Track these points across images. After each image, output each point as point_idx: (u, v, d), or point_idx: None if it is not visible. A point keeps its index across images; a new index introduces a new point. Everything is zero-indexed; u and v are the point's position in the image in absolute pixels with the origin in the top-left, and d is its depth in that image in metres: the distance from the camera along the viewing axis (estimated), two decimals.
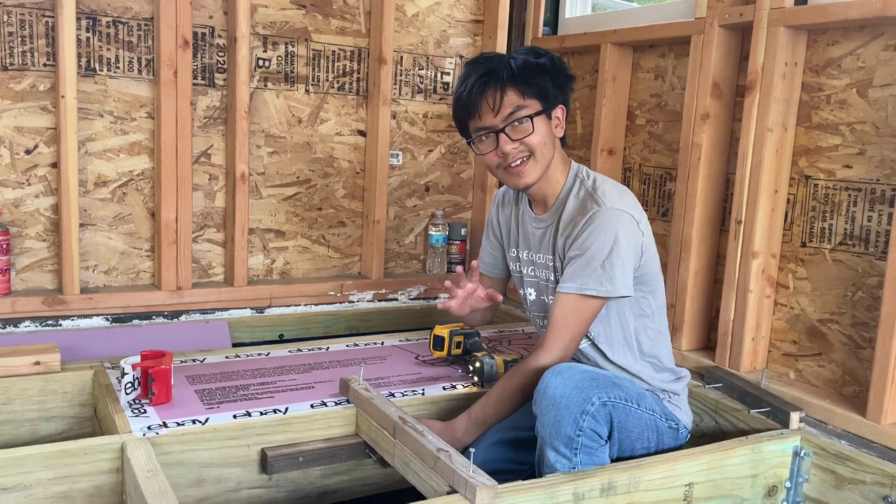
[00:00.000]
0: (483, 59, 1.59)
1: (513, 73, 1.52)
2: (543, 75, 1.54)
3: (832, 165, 1.74)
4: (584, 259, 1.50)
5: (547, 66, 1.56)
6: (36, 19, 1.97)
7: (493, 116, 1.53)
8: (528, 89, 1.53)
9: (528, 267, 1.70)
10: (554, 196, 1.62)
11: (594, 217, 1.51)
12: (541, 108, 1.54)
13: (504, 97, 1.52)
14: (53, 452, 1.35)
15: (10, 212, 2.01)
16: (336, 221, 2.47)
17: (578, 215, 1.55)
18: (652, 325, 1.62)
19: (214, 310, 2.22)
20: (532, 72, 1.54)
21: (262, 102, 2.28)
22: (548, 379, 1.41)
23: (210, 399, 1.64)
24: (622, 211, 1.52)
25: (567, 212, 1.58)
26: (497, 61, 1.55)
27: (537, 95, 1.53)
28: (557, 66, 1.58)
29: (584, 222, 1.52)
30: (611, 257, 1.48)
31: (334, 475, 1.61)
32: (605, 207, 1.51)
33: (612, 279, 1.49)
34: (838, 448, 1.54)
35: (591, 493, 1.35)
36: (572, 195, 1.59)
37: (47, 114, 2.01)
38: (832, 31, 1.73)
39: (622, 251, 1.49)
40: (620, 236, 1.49)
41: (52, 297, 2.01)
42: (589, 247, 1.50)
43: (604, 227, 1.49)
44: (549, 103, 1.56)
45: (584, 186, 1.59)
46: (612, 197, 1.54)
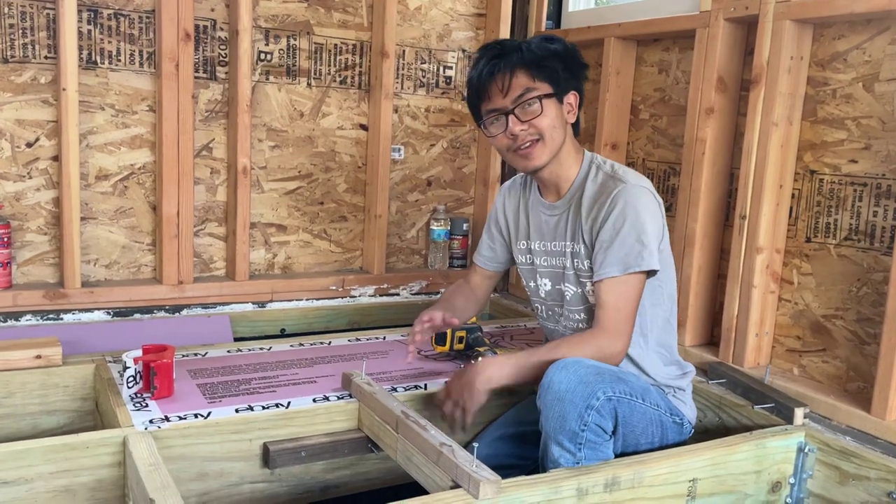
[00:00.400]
0: (496, 43, 1.61)
1: (523, 55, 1.53)
2: (555, 60, 1.55)
3: (838, 160, 1.73)
4: (619, 238, 1.49)
5: (559, 50, 1.56)
6: (37, 11, 1.95)
7: (502, 98, 1.53)
8: (539, 72, 1.53)
9: (541, 257, 1.68)
10: (568, 182, 1.61)
11: (621, 193, 1.51)
12: (551, 91, 1.54)
13: (514, 78, 1.52)
14: (55, 446, 1.34)
15: (11, 205, 2.00)
16: (338, 216, 2.46)
17: (601, 196, 1.54)
18: (662, 314, 1.61)
19: (216, 304, 2.22)
20: (543, 55, 1.54)
21: (263, 96, 2.27)
22: (552, 373, 1.40)
23: (212, 393, 1.63)
24: (646, 188, 1.54)
25: (587, 196, 1.57)
26: (509, 44, 1.56)
27: (548, 79, 1.54)
28: (570, 52, 1.59)
29: (610, 201, 1.51)
30: (645, 230, 1.49)
31: (336, 470, 1.61)
32: (629, 184, 1.52)
33: (651, 252, 1.49)
34: (843, 444, 1.54)
35: (595, 488, 1.34)
36: (590, 179, 1.59)
37: (48, 107, 2.00)
38: (838, 24, 1.71)
39: (651, 225, 1.50)
40: (649, 210, 1.51)
41: (54, 291, 2.01)
42: (622, 225, 1.49)
43: (633, 203, 1.50)
44: (560, 88, 1.56)
45: (602, 170, 1.59)
46: (633, 176, 1.56)
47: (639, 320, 1.56)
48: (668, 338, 1.63)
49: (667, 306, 1.61)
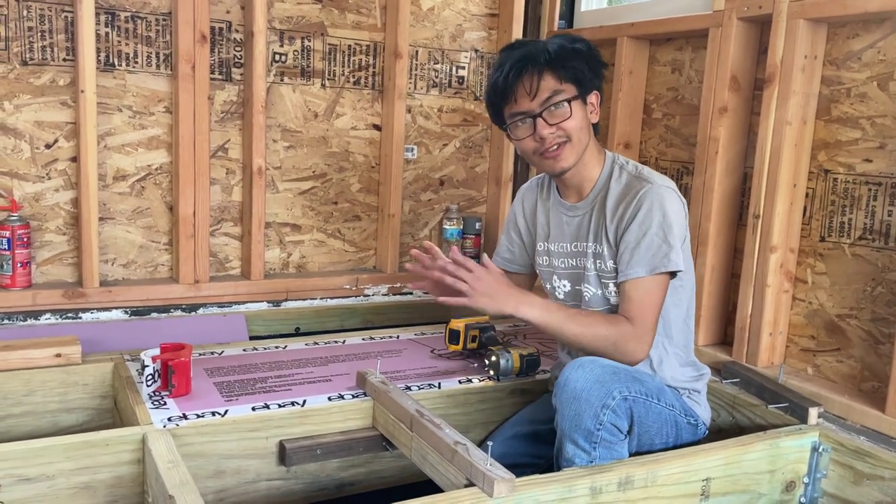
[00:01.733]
0: (519, 44, 1.59)
1: (550, 57, 1.52)
2: (579, 60, 1.54)
3: (852, 159, 1.73)
4: (646, 239, 1.49)
5: (583, 50, 1.56)
6: (55, 14, 1.98)
7: (529, 101, 1.52)
8: (565, 73, 1.52)
9: (559, 259, 1.67)
10: (591, 182, 1.61)
11: (647, 194, 1.50)
12: (577, 92, 1.54)
13: (542, 81, 1.51)
14: (75, 443, 1.37)
15: (30, 205, 2.03)
16: (351, 215, 2.47)
17: (627, 196, 1.53)
18: (681, 314, 1.60)
19: (231, 303, 2.24)
20: (568, 56, 1.53)
21: (278, 97, 2.29)
22: (568, 372, 1.41)
23: (229, 391, 1.65)
24: (672, 189, 1.53)
25: (612, 196, 1.56)
26: (533, 46, 1.55)
27: (573, 80, 1.53)
28: (593, 52, 1.58)
29: (636, 201, 1.51)
30: (672, 230, 1.49)
31: (351, 468, 1.63)
32: (655, 184, 1.51)
33: (677, 252, 1.49)
34: (857, 444, 1.53)
35: (609, 487, 1.35)
36: (613, 179, 1.58)
37: (67, 108, 2.03)
38: (852, 23, 1.71)
39: (676, 225, 1.50)
40: (675, 211, 1.50)
41: (72, 290, 2.04)
42: (649, 226, 1.49)
43: (659, 203, 1.49)
44: (584, 88, 1.55)
45: (626, 170, 1.58)
46: (658, 176, 1.55)
47: (661, 321, 1.55)
48: (685, 338, 1.62)
49: (685, 306, 1.61)
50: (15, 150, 2.00)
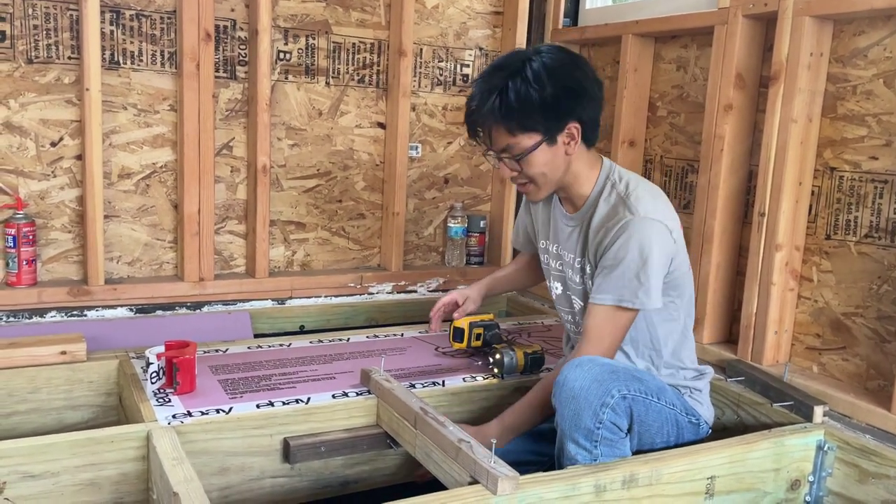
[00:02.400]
0: (479, 85, 1.51)
1: (496, 113, 1.46)
2: (535, 111, 1.46)
3: (858, 157, 1.72)
4: (618, 270, 1.46)
5: (538, 101, 1.45)
6: (61, 13, 1.99)
7: (487, 147, 1.54)
8: (518, 126, 1.47)
9: (555, 261, 1.68)
10: (583, 197, 1.58)
11: (627, 226, 1.46)
12: (539, 139, 1.48)
13: (492, 135, 1.50)
14: (80, 440, 1.37)
15: (35, 203, 2.04)
16: (356, 213, 2.47)
17: (609, 221, 1.50)
18: (678, 327, 1.59)
19: (236, 301, 2.24)
20: (522, 108, 1.45)
21: (282, 95, 2.29)
22: (567, 372, 1.41)
23: (233, 389, 1.65)
24: (655, 220, 1.47)
25: (597, 216, 1.53)
26: (487, 94, 1.47)
27: (530, 129, 1.48)
28: (559, 95, 1.46)
29: (616, 230, 1.47)
30: (646, 268, 1.45)
31: (355, 465, 1.63)
32: (637, 216, 1.46)
33: (647, 291, 1.45)
34: (862, 442, 1.53)
35: (613, 485, 1.34)
36: (602, 198, 1.54)
37: (72, 106, 2.03)
38: (858, 20, 1.70)
39: (655, 262, 1.46)
40: (654, 247, 1.45)
41: (78, 288, 2.04)
42: (623, 257, 1.46)
43: (637, 237, 1.45)
44: (549, 133, 1.49)
45: (616, 190, 1.54)
46: (646, 204, 1.49)
47: (649, 337, 1.57)
48: (683, 349, 1.61)
49: (682, 321, 1.60)
50: (20, 148, 2.00)
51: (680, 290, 1.57)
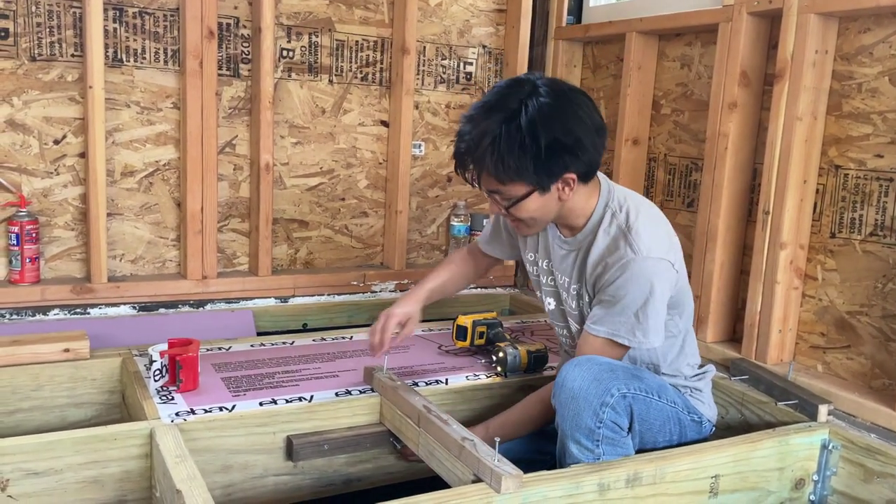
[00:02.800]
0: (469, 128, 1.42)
1: (484, 163, 1.39)
2: (527, 166, 1.37)
3: (863, 155, 1.71)
4: (617, 306, 1.43)
5: (529, 155, 1.36)
6: (64, 10, 1.98)
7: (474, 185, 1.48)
8: (508, 178, 1.39)
9: (546, 276, 1.63)
10: (579, 225, 1.52)
11: (628, 265, 1.41)
12: (530, 189, 1.41)
13: (481, 178, 1.43)
14: (84, 438, 1.37)
15: (39, 201, 2.04)
16: (359, 212, 2.47)
17: (610, 256, 1.45)
18: (677, 342, 1.58)
19: (239, 299, 2.24)
20: (514, 161, 1.36)
21: (285, 93, 2.29)
22: (566, 371, 1.40)
23: (236, 386, 1.65)
24: (659, 259, 1.43)
25: (597, 248, 1.47)
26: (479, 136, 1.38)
27: (521, 180, 1.39)
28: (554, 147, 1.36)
29: (617, 267, 1.42)
30: (645, 308, 1.41)
31: (358, 463, 1.62)
32: (640, 256, 1.41)
33: (645, 331, 1.43)
34: (867, 441, 1.52)
35: (617, 483, 1.34)
36: (602, 229, 1.48)
37: (75, 104, 2.03)
38: (864, 18, 1.69)
39: (657, 301, 1.42)
40: (656, 286, 1.42)
41: (81, 286, 2.04)
42: (623, 296, 1.42)
43: (639, 278, 1.41)
44: (541, 185, 1.40)
45: (616, 221, 1.47)
46: (648, 241, 1.43)
47: (647, 355, 1.55)
48: (680, 362, 1.59)
49: (682, 336, 1.58)
50: (24, 145, 2.00)
51: (680, 307, 1.55)
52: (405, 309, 1.67)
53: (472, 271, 1.85)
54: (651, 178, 2.28)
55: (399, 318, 1.66)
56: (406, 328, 1.68)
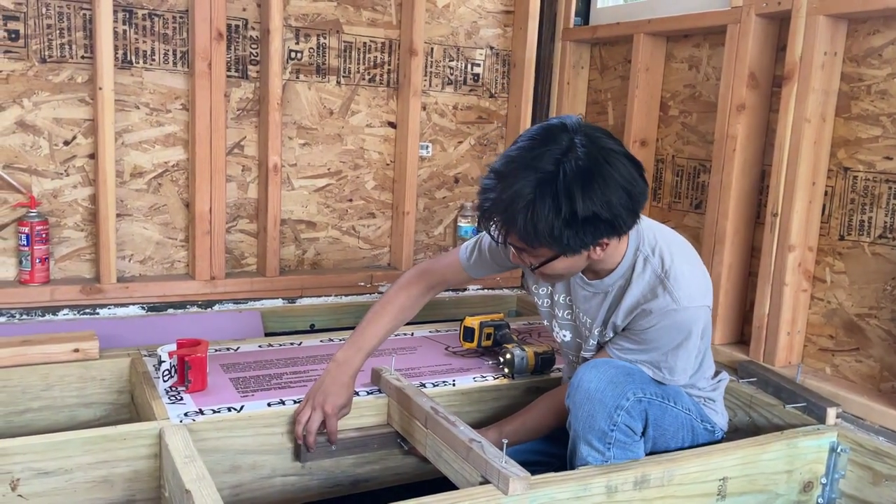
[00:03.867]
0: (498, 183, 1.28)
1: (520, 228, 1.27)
2: (560, 236, 1.26)
3: (872, 157, 1.71)
4: (648, 346, 1.42)
5: (562, 225, 1.25)
6: (74, 12, 2.00)
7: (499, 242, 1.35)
8: (538, 242, 1.28)
9: (563, 310, 1.58)
10: (607, 271, 1.45)
11: (669, 315, 1.38)
12: (559, 253, 1.31)
13: (507, 237, 1.32)
14: (93, 438, 1.38)
15: (48, 202, 2.05)
16: (366, 213, 2.48)
17: (647, 303, 1.39)
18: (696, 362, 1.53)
19: (247, 300, 2.25)
20: (546, 232, 1.26)
21: (294, 94, 2.30)
22: (582, 373, 1.40)
23: (244, 387, 1.66)
24: (700, 307, 1.41)
25: (631, 295, 1.41)
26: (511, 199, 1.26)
27: (552, 246, 1.29)
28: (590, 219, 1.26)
29: (655, 315, 1.38)
30: (677, 350, 1.41)
31: (366, 464, 1.63)
32: (681, 306, 1.37)
33: (672, 369, 1.43)
34: (876, 444, 1.52)
35: (625, 485, 1.34)
36: (636, 275, 1.42)
37: (85, 105, 2.04)
38: (873, 19, 1.69)
39: (692, 345, 1.42)
40: (693, 333, 1.41)
41: (90, 286, 2.05)
42: (657, 339, 1.41)
43: (679, 325, 1.39)
44: (574, 250, 1.30)
45: (651, 266, 1.41)
46: (690, 289, 1.38)
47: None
48: (699, 377, 1.57)
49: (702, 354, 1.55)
50: (34, 146, 2.01)
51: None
52: (339, 401, 1.51)
53: (420, 303, 1.69)
54: (659, 180, 2.27)
55: (325, 411, 1.50)
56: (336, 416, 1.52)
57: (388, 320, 1.63)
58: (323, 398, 1.50)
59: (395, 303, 1.65)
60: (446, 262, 1.71)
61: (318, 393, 1.52)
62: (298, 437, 1.51)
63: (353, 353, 1.58)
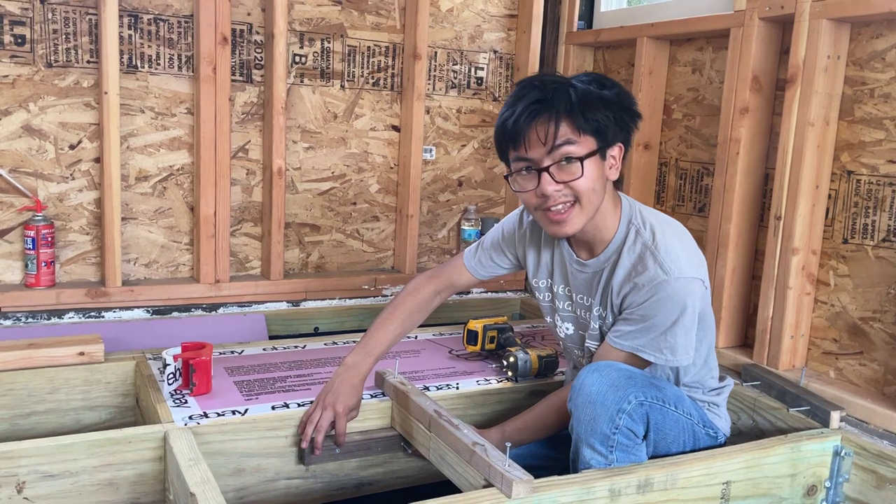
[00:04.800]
0: (539, 80, 1.40)
1: (572, 102, 1.35)
2: (605, 110, 1.38)
3: (876, 160, 1.71)
4: (645, 325, 1.42)
5: (611, 99, 1.39)
6: (80, 17, 2.01)
7: (539, 149, 1.36)
8: (585, 124, 1.36)
9: (564, 302, 1.60)
10: (603, 243, 1.48)
11: (660, 286, 1.38)
12: (596, 147, 1.38)
13: (558, 129, 1.35)
14: (98, 441, 1.38)
15: (54, 206, 2.06)
16: (370, 216, 2.48)
17: (638, 277, 1.41)
18: (700, 355, 1.55)
19: (251, 303, 2.26)
20: (593, 104, 1.36)
21: (298, 98, 2.31)
22: (584, 376, 1.40)
23: (249, 390, 1.66)
24: (692, 279, 1.40)
25: (622, 268, 1.44)
26: (555, 86, 1.37)
27: (594, 132, 1.37)
28: (623, 102, 1.41)
29: (647, 289, 1.39)
30: (674, 327, 1.40)
31: (370, 467, 1.63)
32: (672, 277, 1.38)
33: (673, 349, 1.41)
34: (880, 448, 1.52)
35: (628, 489, 1.34)
36: (626, 248, 1.44)
37: (90, 110, 2.05)
38: (876, 23, 1.69)
39: (687, 321, 1.41)
40: (688, 306, 1.40)
41: (95, 290, 2.06)
42: (653, 316, 1.40)
43: (671, 299, 1.38)
44: (606, 142, 1.39)
45: (641, 239, 1.44)
46: (679, 260, 1.40)
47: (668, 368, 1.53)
48: (705, 373, 1.58)
49: (705, 349, 1.56)
50: (40, 150, 2.03)
51: (703, 323, 1.52)
52: (349, 402, 1.53)
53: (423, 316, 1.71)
54: (662, 183, 2.28)
55: (336, 411, 1.52)
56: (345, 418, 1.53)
57: (397, 325, 1.66)
58: (334, 399, 1.52)
59: (403, 308, 1.68)
60: (452, 265, 1.75)
61: (329, 394, 1.54)
62: (307, 438, 1.51)
63: (362, 357, 1.60)
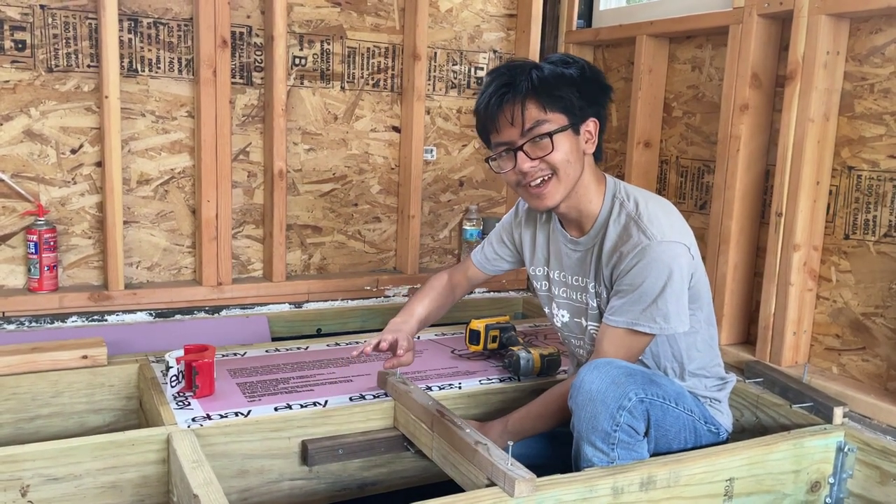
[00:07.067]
0: (505, 68, 1.49)
1: (533, 85, 1.42)
2: (570, 87, 1.44)
3: (876, 156, 1.70)
4: (635, 294, 1.43)
5: (574, 77, 1.45)
6: (80, 21, 2.01)
7: (511, 131, 1.45)
8: (551, 103, 1.43)
9: (559, 288, 1.63)
10: (591, 219, 1.53)
11: (644, 251, 1.42)
12: (566, 122, 1.45)
13: (524, 111, 1.43)
14: (102, 443, 1.39)
15: (56, 210, 2.07)
16: (371, 217, 2.49)
17: (623, 245, 1.45)
18: (700, 338, 1.56)
19: (254, 305, 2.26)
20: (557, 83, 1.43)
21: (298, 100, 2.31)
22: (584, 374, 1.40)
23: (252, 392, 1.67)
24: (674, 243, 1.43)
25: (609, 240, 1.49)
26: (519, 71, 1.45)
27: (561, 109, 1.44)
28: (588, 77, 1.47)
29: (632, 255, 1.43)
30: (664, 293, 1.41)
31: (373, 467, 1.63)
32: (655, 241, 1.42)
33: (666, 316, 1.43)
34: (883, 443, 1.51)
35: (631, 486, 1.34)
36: (612, 220, 1.49)
37: (91, 114, 2.06)
38: (875, 18, 1.69)
39: (676, 286, 1.42)
40: (675, 271, 1.42)
41: (98, 293, 2.07)
42: (641, 283, 1.42)
43: (656, 263, 1.41)
44: (576, 118, 1.46)
45: (626, 210, 1.49)
46: (662, 226, 1.44)
47: (671, 351, 1.54)
48: (706, 360, 1.58)
49: (704, 331, 1.56)
50: (41, 155, 2.03)
51: (699, 301, 1.53)
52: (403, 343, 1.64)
53: (449, 301, 1.83)
54: (663, 181, 2.28)
55: (401, 344, 1.64)
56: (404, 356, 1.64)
57: (430, 300, 1.78)
58: (394, 334, 1.64)
59: (432, 287, 1.81)
60: (462, 264, 1.88)
61: (388, 332, 1.65)
62: (366, 351, 1.60)
63: (408, 317, 1.73)
